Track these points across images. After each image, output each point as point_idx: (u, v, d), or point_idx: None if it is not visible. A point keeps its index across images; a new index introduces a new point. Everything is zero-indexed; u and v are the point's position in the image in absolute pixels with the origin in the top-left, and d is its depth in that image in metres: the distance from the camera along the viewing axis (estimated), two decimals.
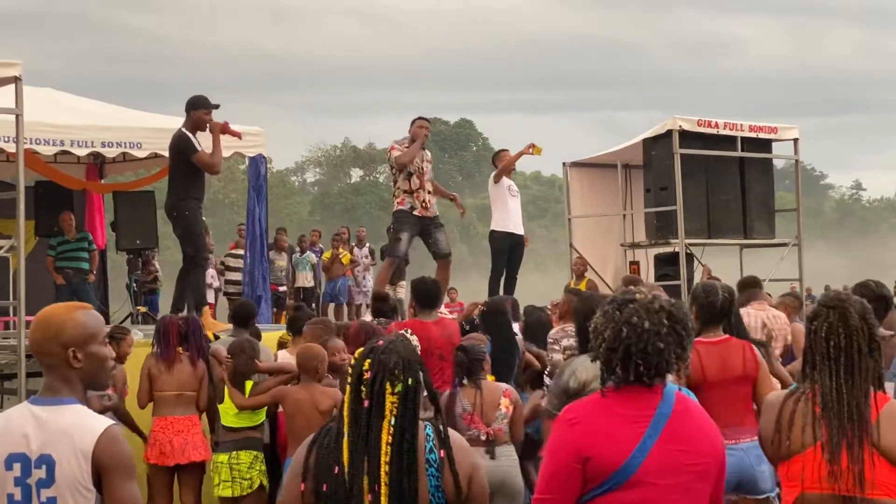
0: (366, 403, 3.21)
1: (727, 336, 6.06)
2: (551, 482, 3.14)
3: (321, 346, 7.12)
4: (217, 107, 10.08)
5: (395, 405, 3.19)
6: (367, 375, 3.23)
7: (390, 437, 3.17)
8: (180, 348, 8.01)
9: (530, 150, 12.79)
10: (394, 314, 9.23)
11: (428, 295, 8.04)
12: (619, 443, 3.09)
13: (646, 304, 3.15)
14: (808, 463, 3.50)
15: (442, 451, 3.23)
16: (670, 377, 3.25)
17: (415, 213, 11.23)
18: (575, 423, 3.14)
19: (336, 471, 3.19)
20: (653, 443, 3.09)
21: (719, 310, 6.03)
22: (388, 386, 3.20)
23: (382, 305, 9.15)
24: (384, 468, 3.14)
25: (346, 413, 3.24)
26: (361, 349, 3.33)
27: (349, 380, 3.28)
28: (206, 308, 10.22)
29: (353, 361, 3.33)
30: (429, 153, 11.79)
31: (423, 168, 11.44)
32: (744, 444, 5.83)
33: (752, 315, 8.43)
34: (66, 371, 3.36)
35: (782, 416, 3.56)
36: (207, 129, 9.97)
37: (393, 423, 3.18)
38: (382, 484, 3.14)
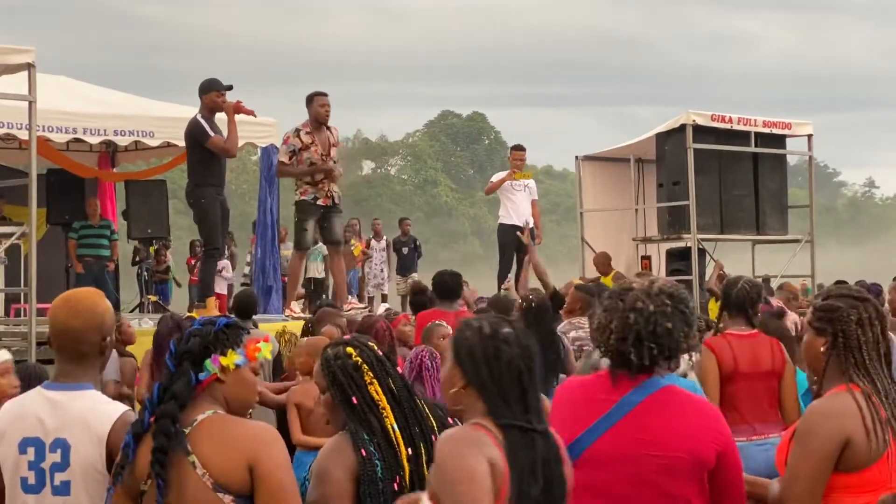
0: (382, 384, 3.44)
1: (756, 331, 6.12)
2: None
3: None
4: (230, 88, 10.03)
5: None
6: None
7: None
8: None
9: (513, 175, 12.89)
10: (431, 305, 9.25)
11: (445, 287, 8.44)
12: (575, 423, 3.12)
13: (645, 289, 3.16)
14: (882, 467, 3.32)
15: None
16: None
17: (318, 202, 10.63)
18: (555, 404, 3.27)
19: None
20: (607, 427, 3.08)
21: (734, 300, 6.10)
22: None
23: (422, 298, 9.27)
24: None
25: (383, 401, 3.41)
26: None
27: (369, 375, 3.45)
28: (212, 299, 10.20)
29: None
30: (335, 132, 10.82)
31: (326, 153, 10.58)
32: (774, 439, 5.80)
33: None
34: (95, 358, 3.37)
35: (868, 422, 3.33)
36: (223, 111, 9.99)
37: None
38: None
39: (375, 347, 3.52)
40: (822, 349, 3.47)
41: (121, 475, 3.02)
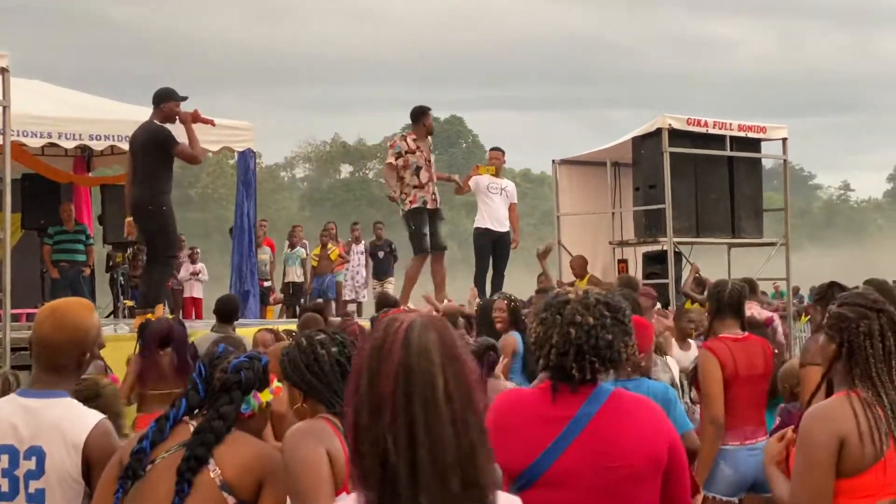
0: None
1: (748, 334, 6.12)
2: None
3: None
4: (185, 98, 10.07)
5: None
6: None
7: None
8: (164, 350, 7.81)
9: (477, 170, 12.87)
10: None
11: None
12: (529, 443, 3.05)
13: (582, 301, 3.12)
14: (879, 473, 3.31)
15: None
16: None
17: (427, 206, 11.45)
18: (492, 420, 3.16)
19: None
20: (567, 444, 3.02)
21: (727, 301, 6.07)
22: None
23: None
24: None
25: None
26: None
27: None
28: (160, 306, 10.10)
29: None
30: (430, 140, 11.91)
31: (429, 160, 11.63)
32: (762, 444, 5.84)
33: None
34: (72, 371, 3.36)
35: (862, 426, 3.32)
36: (178, 121, 10.00)
37: None
38: None
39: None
40: (832, 354, 3.47)
41: (130, 481, 3.05)
